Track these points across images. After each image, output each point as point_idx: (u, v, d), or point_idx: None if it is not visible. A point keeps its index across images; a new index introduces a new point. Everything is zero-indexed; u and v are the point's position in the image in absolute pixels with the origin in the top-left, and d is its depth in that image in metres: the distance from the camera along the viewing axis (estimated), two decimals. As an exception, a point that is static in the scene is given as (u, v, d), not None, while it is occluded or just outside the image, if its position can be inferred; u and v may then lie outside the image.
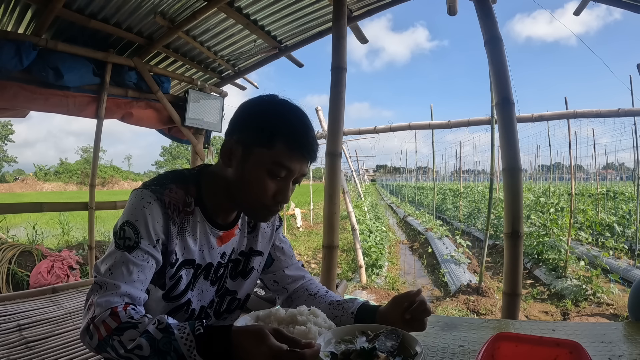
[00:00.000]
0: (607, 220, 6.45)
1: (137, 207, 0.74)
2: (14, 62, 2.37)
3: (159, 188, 0.77)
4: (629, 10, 2.27)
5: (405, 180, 25.91)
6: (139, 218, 0.73)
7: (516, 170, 1.82)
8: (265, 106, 0.80)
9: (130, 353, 0.63)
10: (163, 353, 0.62)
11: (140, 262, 0.72)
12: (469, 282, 4.24)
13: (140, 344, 0.62)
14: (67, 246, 5.03)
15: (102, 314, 0.65)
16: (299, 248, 7.24)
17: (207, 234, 0.84)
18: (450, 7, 2.53)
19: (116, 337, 0.63)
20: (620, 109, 4.15)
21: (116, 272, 0.70)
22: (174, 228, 0.78)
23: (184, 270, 0.81)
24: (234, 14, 2.71)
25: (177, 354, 0.61)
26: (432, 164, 8.87)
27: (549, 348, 0.63)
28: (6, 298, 2.54)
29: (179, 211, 0.79)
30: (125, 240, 0.72)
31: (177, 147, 56.00)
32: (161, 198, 0.76)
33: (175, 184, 0.80)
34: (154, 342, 0.62)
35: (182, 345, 0.61)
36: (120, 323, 0.64)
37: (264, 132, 0.76)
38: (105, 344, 0.64)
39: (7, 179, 42.36)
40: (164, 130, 3.61)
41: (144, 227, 0.73)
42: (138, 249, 0.72)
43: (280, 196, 0.79)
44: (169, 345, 0.62)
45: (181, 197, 0.79)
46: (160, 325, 0.64)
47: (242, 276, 0.95)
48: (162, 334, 0.63)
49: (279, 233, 1.02)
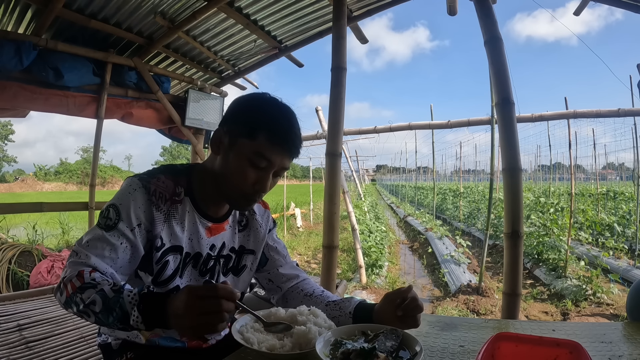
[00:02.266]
0: (607, 220, 6.45)
1: (124, 193, 0.81)
2: (14, 62, 2.37)
3: (147, 177, 0.83)
4: (629, 10, 2.26)
5: (405, 180, 25.91)
6: (123, 202, 0.80)
7: (516, 170, 1.82)
8: (254, 102, 0.86)
9: (86, 307, 0.69)
10: (110, 309, 0.68)
11: (114, 241, 0.78)
12: (469, 282, 4.24)
13: (94, 300, 0.69)
14: (67, 246, 5.04)
15: (70, 275, 0.72)
16: (299, 248, 7.24)
17: (196, 224, 0.88)
18: (450, 7, 2.53)
19: (79, 295, 0.70)
20: (620, 109, 4.15)
21: (92, 244, 0.77)
22: (159, 214, 0.82)
23: (171, 256, 0.85)
24: (234, 14, 2.71)
25: (122, 310, 0.67)
26: (432, 164, 8.87)
27: (549, 348, 0.63)
28: (6, 298, 2.54)
29: (166, 199, 0.84)
30: (106, 220, 0.79)
31: (177, 147, 56.05)
32: (147, 186, 0.82)
33: (164, 175, 0.85)
34: (106, 300, 0.68)
35: (127, 303, 0.68)
36: (83, 283, 0.71)
37: (249, 124, 0.82)
38: (70, 300, 0.71)
39: (7, 179, 42.37)
40: (164, 130, 3.61)
41: (125, 211, 0.79)
42: (115, 229, 0.78)
43: (259, 185, 0.83)
44: (116, 303, 0.68)
45: (169, 187, 0.85)
46: (115, 287, 0.70)
47: (233, 273, 0.97)
48: (114, 293, 0.69)
49: (273, 234, 1.05)
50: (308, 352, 0.68)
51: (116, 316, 0.68)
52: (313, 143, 7.21)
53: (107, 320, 0.69)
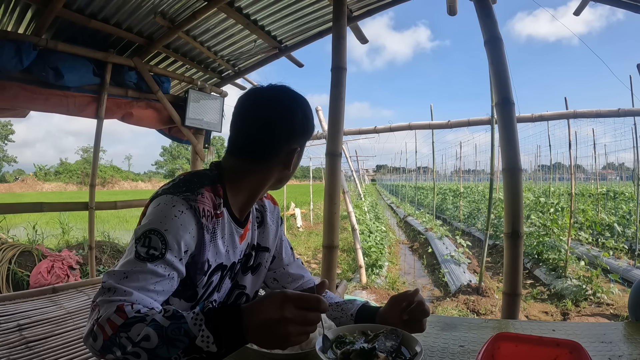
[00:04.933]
0: (607, 220, 6.45)
1: (168, 216, 0.69)
2: (14, 62, 2.37)
3: (191, 195, 0.73)
4: (629, 10, 2.26)
5: (405, 180, 25.89)
6: (170, 228, 0.68)
7: (516, 170, 1.82)
8: (306, 111, 0.86)
9: (136, 347, 0.57)
10: (172, 340, 0.57)
11: (162, 272, 0.67)
12: (469, 282, 4.24)
13: (147, 334, 0.57)
14: (67, 246, 5.03)
15: (106, 313, 0.59)
16: (299, 248, 7.24)
17: (232, 234, 0.84)
18: (450, 7, 2.53)
19: (123, 334, 0.58)
20: (620, 109, 4.15)
21: (132, 278, 0.64)
22: (207, 235, 0.75)
23: (215, 275, 0.82)
24: (234, 14, 2.71)
25: (189, 336, 0.57)
26: (432, 164, 8.87)
27: (549, 348, 0.63)
28: (6, 298, 2.54)
29: (211, 216, 0.77)
30: (149, 249, 0.67)
31: (177, 147, 56.03)
32: (194, 206, 0.72)
33: (204, 187, 0.77)
34: (162, 330, 0.57)
35: (192, 325, 0.58)
36: (127, 319, 0.59)
37: (307, 132, 0.86)
38: (111, 343, 0.58)
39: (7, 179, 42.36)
40: (164, 130, 3.61)
41: (173, 239, 0.68)
42: (162, 260, 0.67)
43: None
44: (178, 330, 0.57)
45: (211, 201, 0.77)
46: (167, 313, 0.60)
47: (251, 271, 0.96)
48: (169, 320, 0.58)
49: (281, 231, 1.03)
50: (308, 352, 0.68)
51: (180, 345, 0.57)
52: (313, 143, 7.22)
53: (166, 355, 0.58)
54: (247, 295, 0.96)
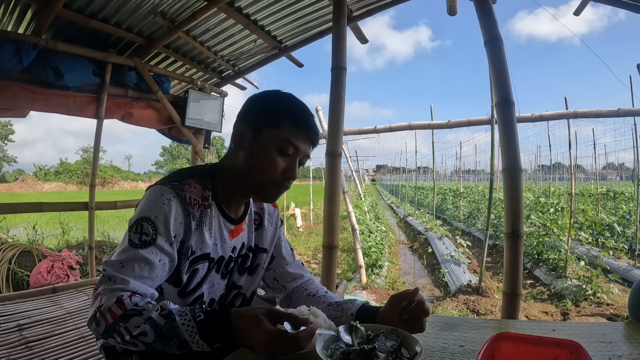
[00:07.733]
0: (607, 220, 6.45)
1: (157, 204, 0.75)
2: (14, 62, 2.37)
3: (178, 184, 0.79)
4: (629, 10, 2.26)
5: (405, 180, 25.92)
6: (159, 214, 0.74)
7: (516, 170, 1.82)
8: (273, 95, 0.88)
9: (135, 339, 0.65)
10: (167, 338, 0.64)
11: (154, 259, 0.73)
12: (469, 282, 4.23)
13: (144, 331, 0.64)
14: (67, 246, 5.03)
15: (108, 302, 0.67)
16: (299, 248, 7.24)
17: (220, 228, 0.87)
18: (450, 7, 2.53)
19: (122, 324, 0.65)
20: (620, 109, 4.14)
21: (127, 266, 0.71)
22: (193, 223, 0.80)
23: (200, 264, 0.84)
24: (234, 14, 2.71)
25: (180, 339, 0.64)
26: (432, 164, 8.86)
27: (549, 348, 0.63)
28: (6, 298, 2.54)
29: (199, 205, 0.81)
30: (141, 236, 0.73)
31: (177, 147, 56.02)
32: (181, 194, 0.78)
33: (193, 179, 0.82)
34: (158, 328, 0.64)
35: (184, 331, 0.64)
36: (126, 310, 0.66)
37: (274, 114, 0.82)
38: (112, 330, 0.66)
39: (7, 179, 42.36)
40: (164, 130, 3.61)
41: (163, 224, 0.74)
42: (153, 245, 0.73)
43: (289, 173, 0.84)
44: (171, 331, 0.64)
45: (199, 192, 0.82)
46: (163, 311, 0.66)
47: (248, 272, 0.97)
48: (164, 320, 0.65)
49: (280, 232, 1.05)
50: (308, 352, 0.68)
51: (173, 344, 0.65)
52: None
53: (162, 348, 0.65)
54: (243, 295, 0.97)
